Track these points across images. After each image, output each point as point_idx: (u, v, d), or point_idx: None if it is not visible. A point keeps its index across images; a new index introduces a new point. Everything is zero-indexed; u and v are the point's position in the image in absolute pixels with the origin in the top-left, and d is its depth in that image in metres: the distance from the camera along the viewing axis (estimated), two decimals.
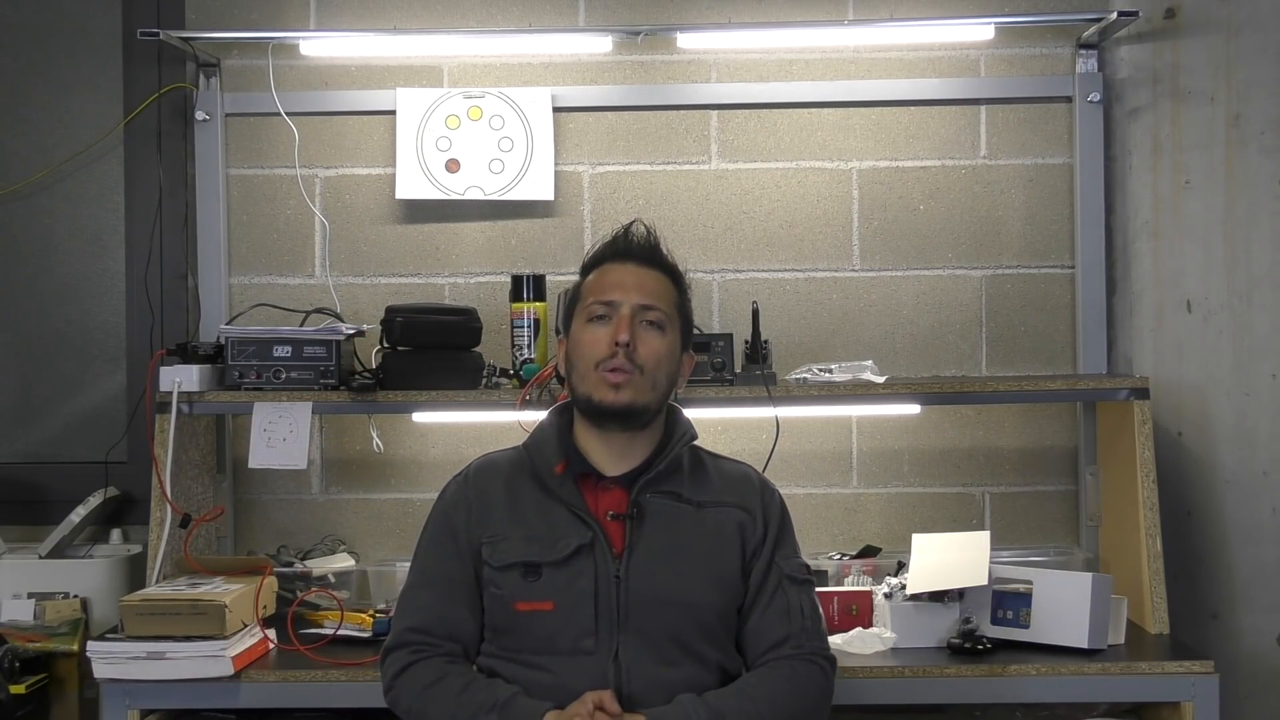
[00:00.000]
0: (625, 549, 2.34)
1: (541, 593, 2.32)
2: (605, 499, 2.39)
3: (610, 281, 2.41)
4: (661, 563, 2.35)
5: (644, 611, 2.32)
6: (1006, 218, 3.48)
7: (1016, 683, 2.78)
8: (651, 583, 2.33)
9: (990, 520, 3.46)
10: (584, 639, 2.31)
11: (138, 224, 3.55)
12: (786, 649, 2.38)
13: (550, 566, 2.33)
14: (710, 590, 2.37)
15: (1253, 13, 3.41)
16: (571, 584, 2.32)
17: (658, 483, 2.40)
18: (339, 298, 3.48)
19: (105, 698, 2.79)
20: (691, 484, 2.43)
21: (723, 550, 2.40)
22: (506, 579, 2.35)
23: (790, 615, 2.39)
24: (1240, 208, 3.42)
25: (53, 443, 3.65)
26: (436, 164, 3.46)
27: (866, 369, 3.16)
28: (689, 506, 2.40)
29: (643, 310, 2.38)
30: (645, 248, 2.45)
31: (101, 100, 3.60)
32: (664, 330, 2.39)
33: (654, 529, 2.37)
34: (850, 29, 3.42)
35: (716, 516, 2.41)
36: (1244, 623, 3.39)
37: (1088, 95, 3.40)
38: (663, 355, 2.38)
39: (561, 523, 2.36)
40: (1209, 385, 3.42)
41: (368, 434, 3.45)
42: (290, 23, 3.51)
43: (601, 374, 2.34)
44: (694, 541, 2.38)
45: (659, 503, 2.39)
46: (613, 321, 2.37)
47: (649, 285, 2.41)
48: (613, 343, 2.34)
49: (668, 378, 2.41)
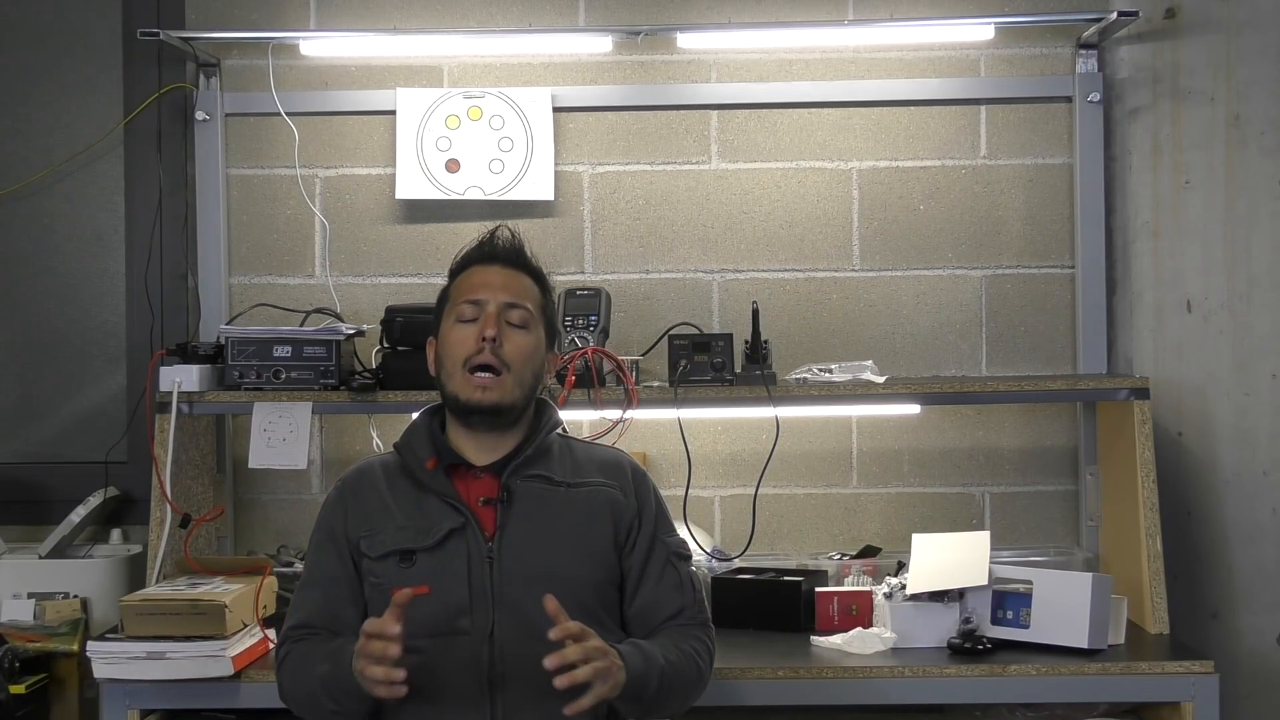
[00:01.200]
0: (496, 529, 2.39)
1: (417, 577, 2.35)
2: (476, 486, 2.43)
3: (477, 282, 2.47)
4: (533, 541, 2.39)
5: (517, 589, 2.35)
6: (1006, 218, 3.48)
7: (1016, 683, 2.78)
8: (523, 560, 2.37)
9: (990, 520, 3.46)
10: (459, 619, 2.35)
11: (138, 224, 3.55)
12: (682, 619, 2.45)
13: (424, 552, 2.38)
14: (584, 565, 2.41)
15: (1253, 13, 3.41)
16: (445, 566, 2.37)
17: (526, 467, 2.44)
18: (339, 298, 3.48)
19: (105, 698, 2.79)
20: (561, 467, 2.48)
21: (594, 526, 2.44)
22: (383, 567, 2.40)
23: (683, 589, 2.46)
24: (1240, 208, 3.42)
25: (53, 443, 3.65)
26: (436, 164, 3.46)
27: (866, 369, 3.16)
28: (560, 488, 2.45)
29: (508, 309, 2.44)
30: (510, 250, 2.52)
31: (101, 100, 3.60)
32: (529, 328, 2.45)
33: (524, 510, 2.41)
34: (850, 29, 3.42)
35: (587, 495, 2.46)
36: (1244, 623, 3.40)
37: (1088, 95, 3.40)
38: (528, 352, 2.44)
39: (435, 512, 2.41)
40: (1209, 385, 3.42)
41: (368, 434, 3.45)
42: (290, 23, 3.51)
43: (467, 375, 2.40)
44: (565, 519, 2.42)
45: (529, 486, 2.43)
46: (480, 320, 2.42)
47: (514, 285, 2.47)
48: (479, 339, 2.40)
49: (533, 374, 2.46)
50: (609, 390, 3.10)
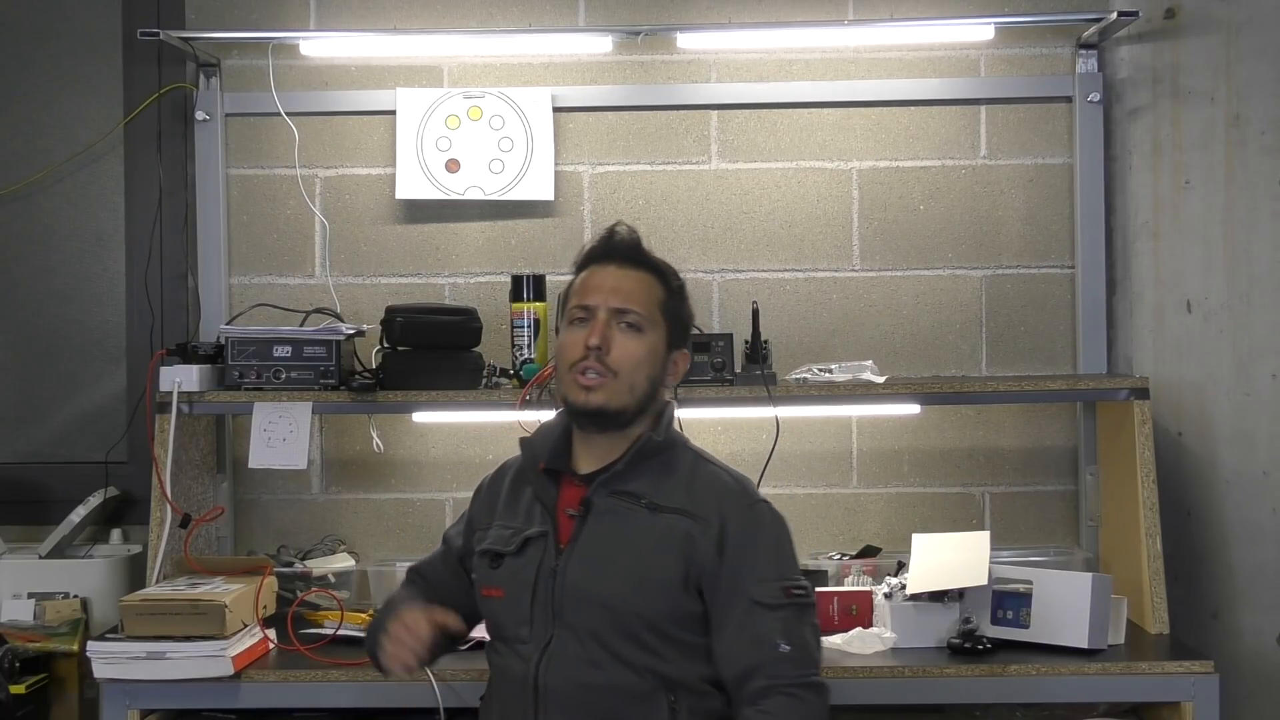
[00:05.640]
0: (569, 543, 2.38)
1: (497, 580, 2.41)
2: (570, 495, 2.42)
3: (590, 285, 2.43)
4: (596, 561, 2.35)
5: (573, 607, 2.34)
6: (1006, 218, 3.48)
7: (1016, 683, 2.78)
8: (582, 579, 2.35)
9: (990, 520, 3.46)
10: (521, 628, 2.36)
11: (138, 224, 3.55)
12: (759, 680, 2.28)
13: (510, 556, 2.41)
14: (640, 596, 2.32)
15: (1253, 13, 3.41)
16: (519, 574, 2.39)
17: (616, 482, 2.39)
18: (339, 298, 3.48)
19: (105, 698, 2.79)
20: (658, 487, 2.39)
21: (661, 557, 2.34)
22: (480, 565, 2.46)
23: (760, 644, 2.29)
24: (1240, 208, 3.42)
25: (53, 443, 3.65)
26: (436, 164, 3.46)
27: (866, 369, 3.16)
28: (640, 510, 2.37)
29: (618, 314, 2.39)
30: (627, 248, 2.46)
31: (101, 100, 3.60)
32: (643, 331, 2.39)
33: (598, 528, 2.37)
34: (850, 29, 3.42)
35: (665, 524, 2.36)
36: (1244, 623, 3.39)
37: (1088, 95, 3.40)
38: (640, 357, 2.37)
39: (529, 515, 2.43)
40: (1209, 385, 3.41)
41: (368, 434, 3.45)
42: (290, 23, 3.51)
43: (574, 376, 2.37)
44: (634, 545, 2.36)
45: (611, 503, 2.38)
46: (590, 325, 2.38)
47: (627, 287, 2.41)
48: (584, 345, 2.36)
49: (647, 378, 2.39)
50: None
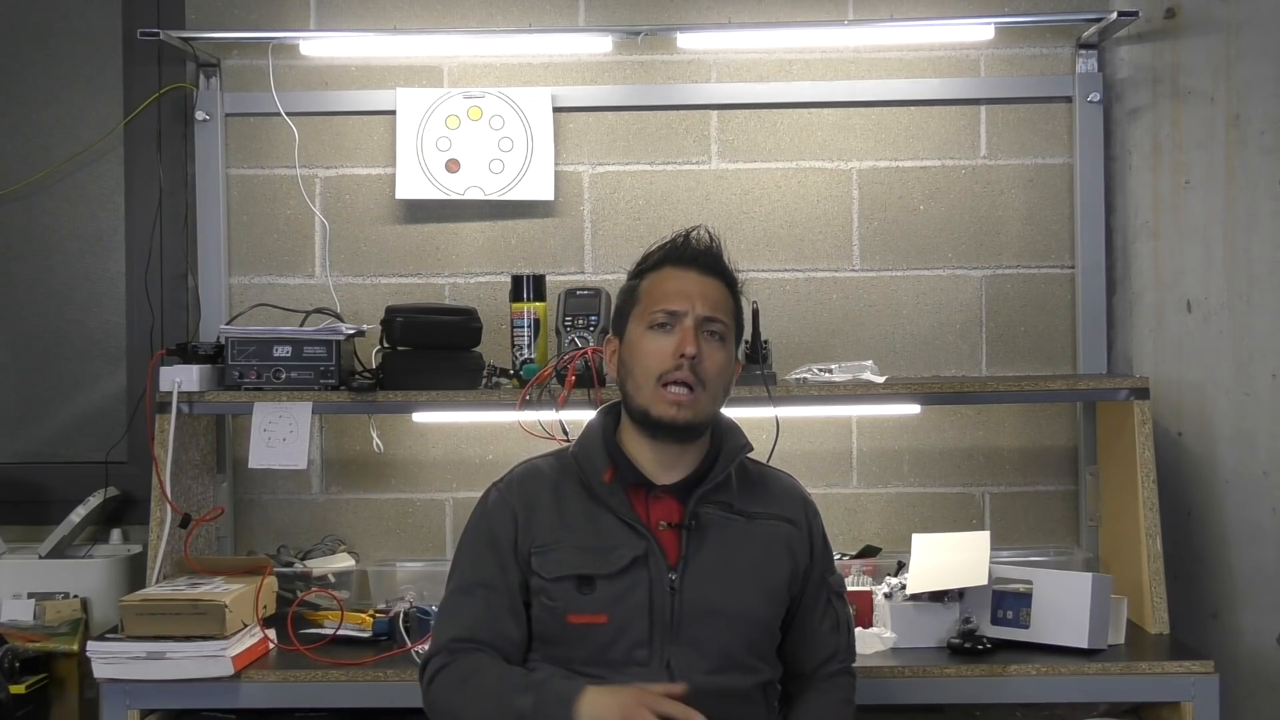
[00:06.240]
0: (680, 560, 2.32)
1: (595, 605, 2.28)
2: (657, 508, 2.35)
3: (673, 289, 2.35)
4: (716, 575, 2.33)
5: (697, 623, 2.30)
6: (1006, 218, 3.48)
7: (1016, 683, 2.78)
8: (706, 595, 2.31)
9: (990, 520, 3.46)
10: (637, 650, 2.29)
11: (138, 224, 3.55)
12: (835, 664, 2.46)
13: (604, 579, 2.29)
14: (761, 603, 2.37)
15: (1253, 13, 3.41)
16: (626, 596, 2.29)
17: (712, 493, 2.38)
18: (339, 298, 3.48)
19: (105, 698, 2.79)
20: (741, 495, 2.41)
21: (773, 563, 2.39)
22: (559, 590, 2.31)
23: (839, 630, 2.48)
24: (1240, 208, 3.42)
25: (53, 443, 3.65)
26: (436, 164, 3.46)
27: (866, 369, 3.16)
28: (740, 518, 2.38)
29: (706, 322, 2.34)
30: (709, 256, 2.40)
31: (101, 100, 3.60)
32: (725, 341, 2.36)
33: (710, 540, 2.35)
34: (850, 29, 3.42)
35: (768, 530, 2.40)
36: (1244, 623, 3.39)
37: (1088, 95, 3.40)
38: (723, 368, 2.36)
39: (613, 532, 2.32)
40: (1209, 385, 3.42)
41: (368, 434, 3.45)
42: (290, 23, 3.51)
43: (662, 390, 2.30)
44: (745, 554, 2.36)
45: (713, 514, 2.36)
46: (675, 331, 2.32)
47: (712, 295, 2.36)
48: (678, 354, 2.30)
49: (724, 389, 2.39)
50: (609, 390, 3.09)
